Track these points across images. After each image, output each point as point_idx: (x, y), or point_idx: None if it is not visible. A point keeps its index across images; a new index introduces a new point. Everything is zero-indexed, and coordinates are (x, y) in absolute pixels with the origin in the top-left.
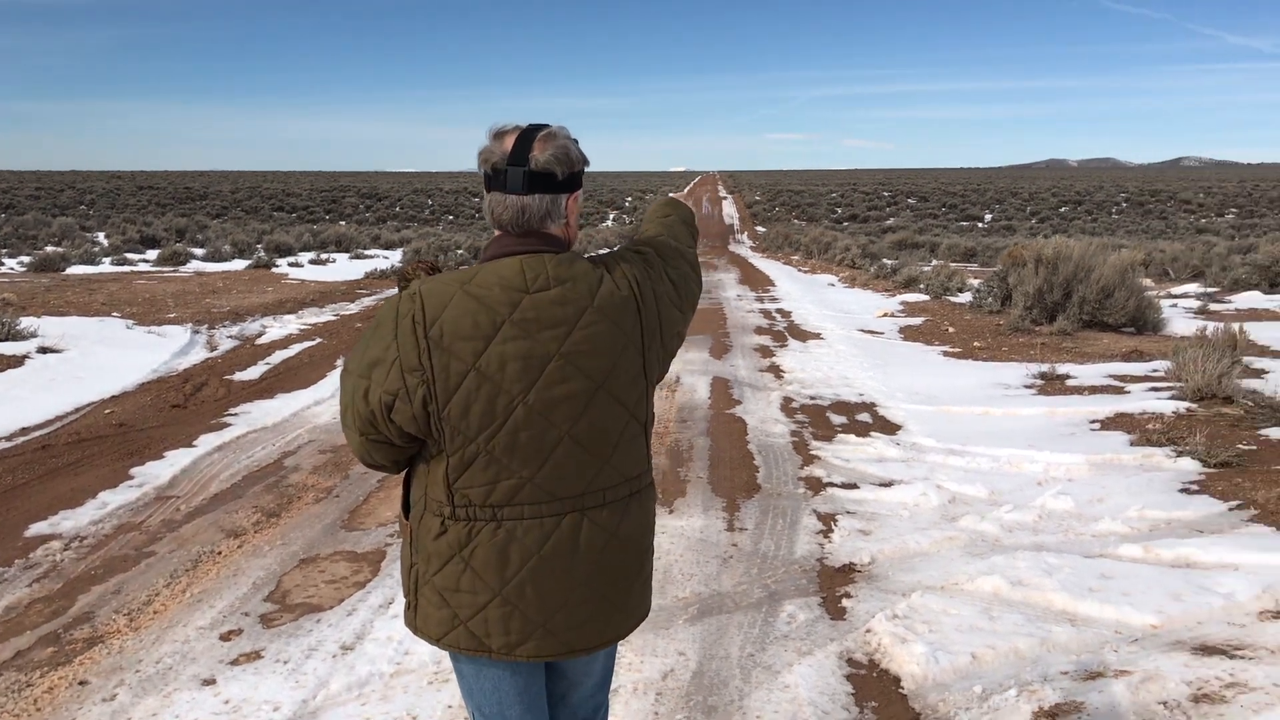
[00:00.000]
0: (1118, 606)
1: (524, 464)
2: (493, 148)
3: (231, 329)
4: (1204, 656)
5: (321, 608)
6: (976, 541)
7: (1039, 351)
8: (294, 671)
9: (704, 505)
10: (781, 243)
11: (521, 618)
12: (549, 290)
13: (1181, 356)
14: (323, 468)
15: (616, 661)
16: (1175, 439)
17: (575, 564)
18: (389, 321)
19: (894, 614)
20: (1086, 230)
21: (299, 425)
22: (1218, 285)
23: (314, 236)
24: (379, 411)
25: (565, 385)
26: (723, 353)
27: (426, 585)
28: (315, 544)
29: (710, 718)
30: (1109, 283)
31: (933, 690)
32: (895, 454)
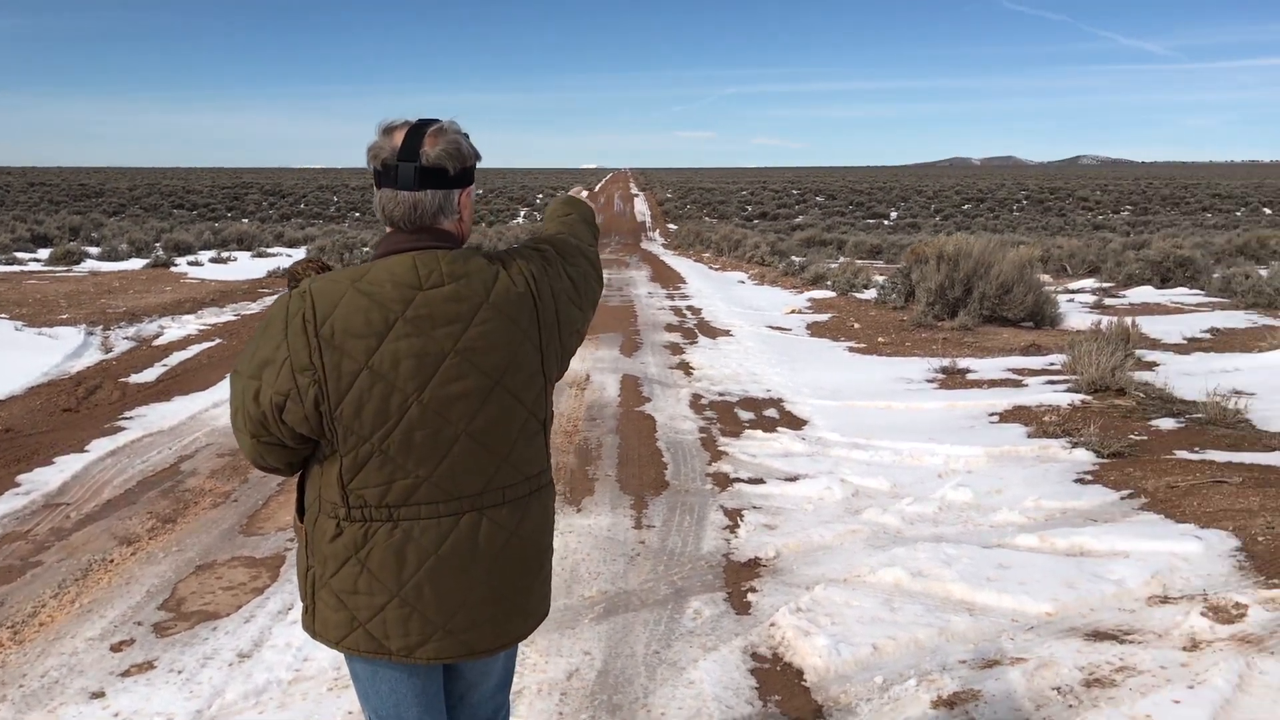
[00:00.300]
0: (1014, 595)
1: (420, 463)
2: (382, 143)
3: (128, 330)
4: (1096, 642)
5: (218, 615)
6: (879, 534)
7: (941, 346)
8: (188, 681)
9: (612, 503)
10: (693, 240)
11: (420, 619)
12: (443, 287)
13: (1077, 350)
14: (221, 471)
15: (520, 662)
16: (1070, 430)
17: (474, 564)
18: (279, 321)
19: (798, 607)
20: (988, 227)
21: (197, 428)
22: (1112, 280)
23: (215, 235)
24: (270, 413)
25: (461, 383)
26: (633, 350)
27: (324, 588)
28: (212, 550)
29: (615, 716)
30: (1008, 279)
31: (835, 682)
32: (801, 449)
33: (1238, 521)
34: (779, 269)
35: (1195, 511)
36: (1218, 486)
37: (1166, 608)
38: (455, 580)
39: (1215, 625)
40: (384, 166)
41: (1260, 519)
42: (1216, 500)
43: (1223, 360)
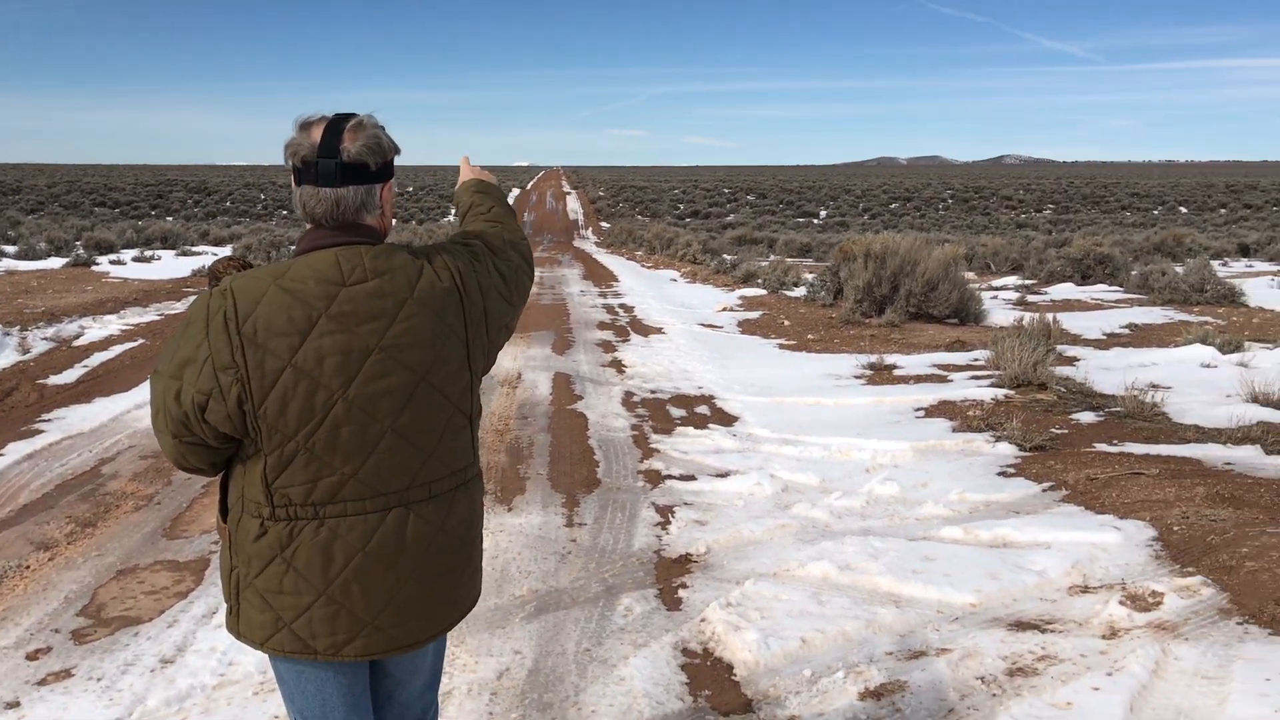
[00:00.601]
0: (939, 587)
1: (346, 460)
2: (300, 140)
3: (46, 330)
4: (1019, 632)
5: (140, 620)
6: (808, 528)
7: (869, 343)
8: (108, 689)
9: (543, 502)
10: (625, 238)
11: (348, 616)
12: (366, 283)
13: (1000, 346)
14: (144, 474)
15: (450, 663)
16: (994, 425)
17: (402, 559)
18: (199, 320)
19: (728, 602)
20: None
21: (119, 430)
22: (1035, 278)
23: (138, 233)
24: (192, 412)
25: (386, 379)
26: (565, 348)
27: (248, 589)
28: (134, 554)
29: (545, 715)
30: (934, 276)
31: (764, 676)
32: (732, 445)
33: (1154, 512)
34: (711, 267)
35: (1114, 503)
36: (1135, 478)
37: (1086, 597)
38: (383, 577)
39: (1133, 613)
40: (304, 163)
41: (1176, 509)
42: (1134, 491)
43: (1140, 355)
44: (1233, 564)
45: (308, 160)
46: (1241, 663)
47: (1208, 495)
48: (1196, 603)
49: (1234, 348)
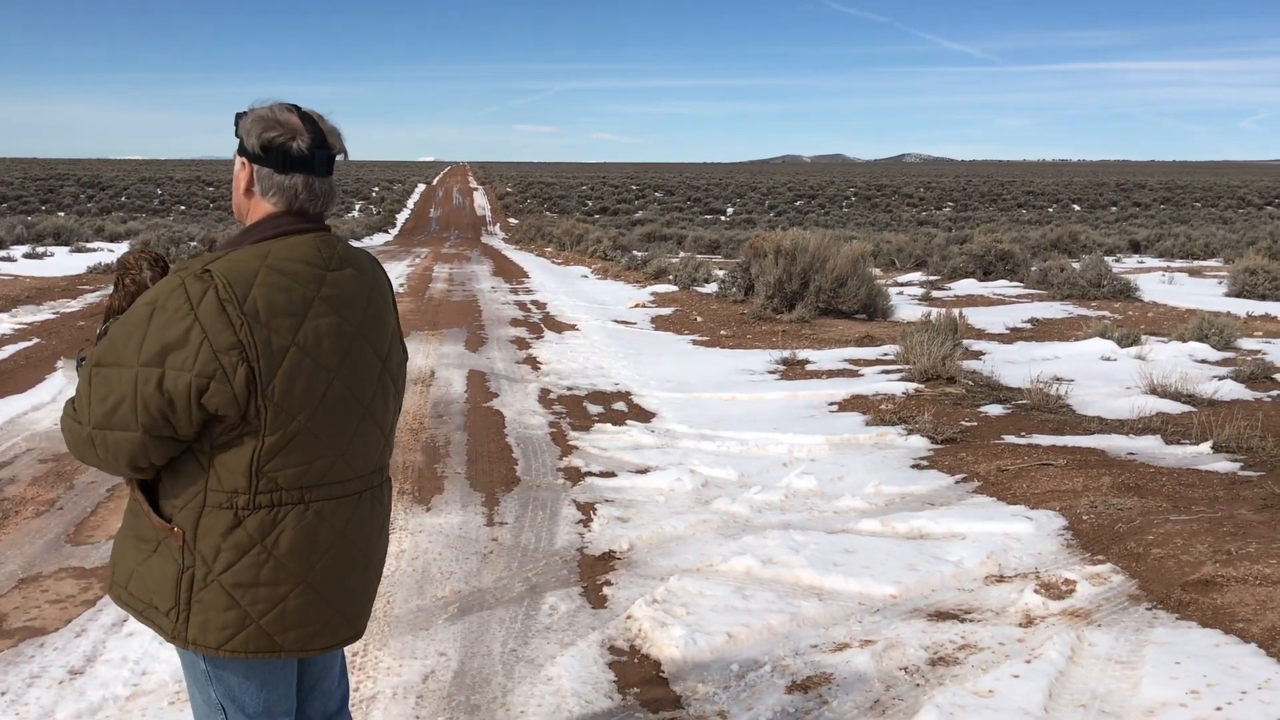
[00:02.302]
0: (860, 579)
1: (336, 441)
2: (291, 126)
3: None
4: (939, 622)
5: (45, 630)
6: (729, 523)
7: (780, 338)
8: (13, 703)
9: (462, 501)
10: (534, 235)
11: (321, 604)
12: (344, 270)
13: (909, 341)
14: (44, 478)
15: (374, 666)
16: (906, 418)
17: (366, 543)
18: (176, 304)
19: (653, 599)
20: (820, 223)
21: (15, 433)
22: (938, 274)
23: (28, 229)
24: (183, 398)
25: (364, 364)
26: (478, 345)
27: (208, 588)
28: (36, 561)
29: (473, 717)
30: (843, 272)
31: (692, 672)
32: (650, 441)
33: (1064, 502)
34: (621, 264)
35: (1025, 493)
36: (1044, 469)
37: (1002, 586)
38: (354, 563)
39: (1048, 601)
40: (307, 152)
41: (1084, 499)
42: (1044, 482)
43: (1043, 349)
44: (1140, 551)
45: (309, 150)
46: (1152, 647)
47: (1114, 485)
48: (1107, 589)
49: (1131, 341)
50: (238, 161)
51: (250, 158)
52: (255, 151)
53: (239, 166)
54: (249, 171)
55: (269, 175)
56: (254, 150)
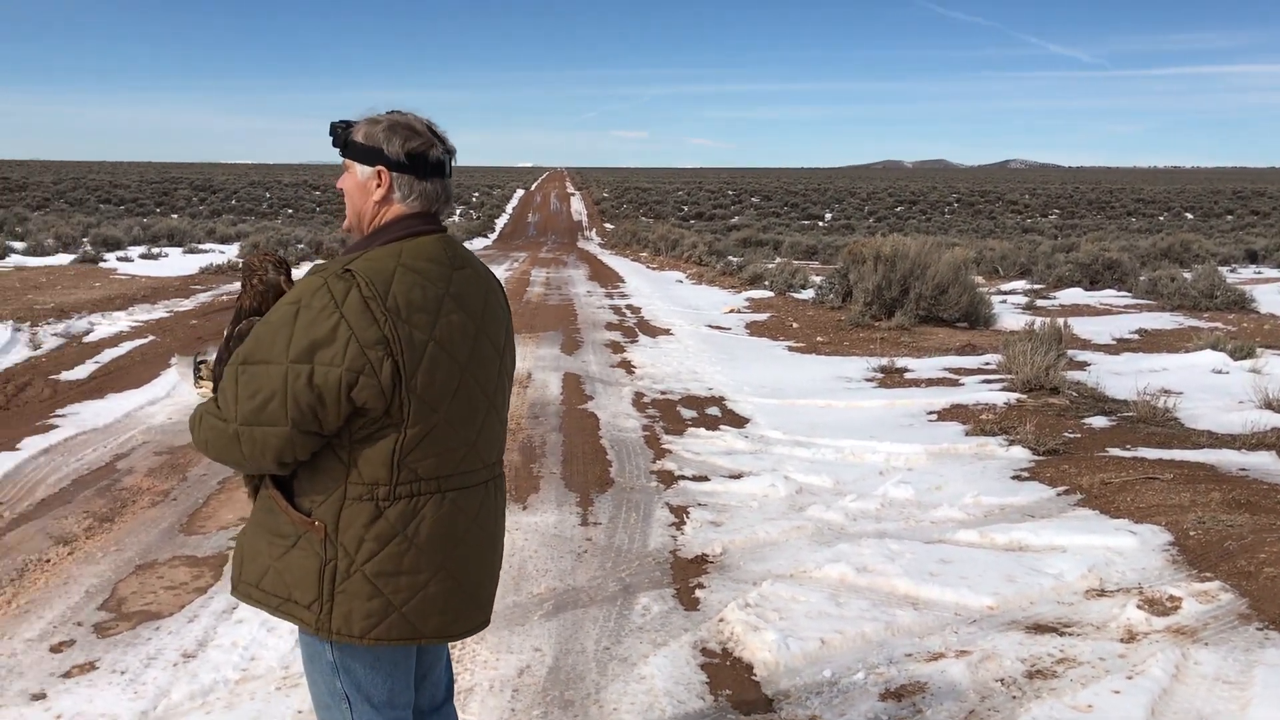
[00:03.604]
0: (956, 590)
1: (467, 432)
2: (427, 135)
3: (57, 326)
4: (1037, 635)
5: (161, 615)
6: (823, 530)
7: (878, 346)
8: (132, 682)
9: (558, 500)
10: (629, 239)
11: (460, 592)
12: (464, 269)
13: (1012, 350)
14: (159, 470)
15: (471, 659)
16: (1007, 429)
17: (494, 531)
18: (322, 304)
19: (746, 603)
20: (921, 229)
21: (132, 426)
22: (1043, 282)
23: (144, 230)
24: (333, 393)
25: (487, 359)
26: (574, 349)
27: (352, 578)
28: (152, 549)
29: (567, 712)
30: (944, 279)
31: (784, 676)
32: (744, 446)
33: (1170, 517)
34: (717, 268)
35: (1129, 507)
36: (1150, 483)
37: (1104, 601)
38: (485, 549)
39: (1151, 617)
40: (441, 159)
41: (1191, 514)
42: (1149, 496)
43: (1151, 360)
44: (1251, 570)
45: (444, 155)
46: (1263, 668)
47: (1224, 500)
48: (1215, 608)
49: (1246, 354)
50: (364, 169)
51: (392, 165)
52: (399, 160)
53: (368, 174)
54: (388, 180)
55: (410, 182)
56: (397, 159)
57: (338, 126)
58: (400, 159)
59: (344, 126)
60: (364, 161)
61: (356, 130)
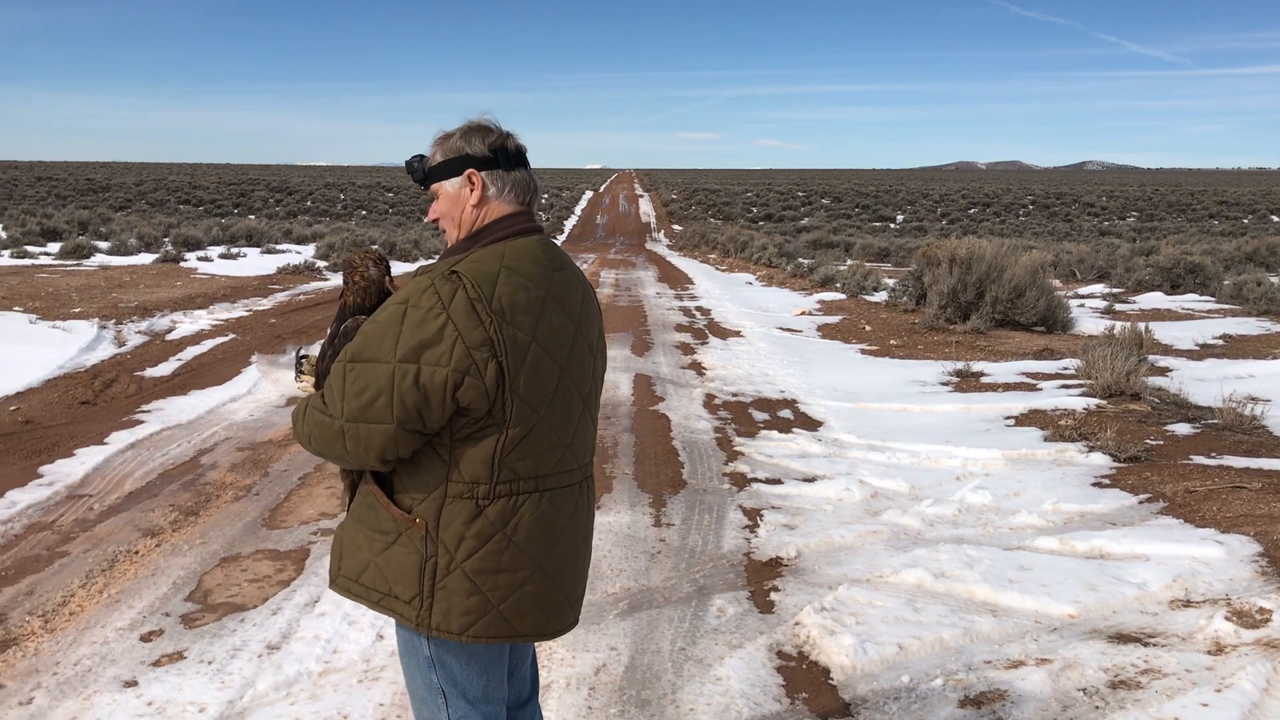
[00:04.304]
0: (1037, 597)
1: (564, 432)
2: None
3: (140, 324)
4: (1120, 644)
5: (245, 607)
6: (899, 535)
7: (953, 349)
8: (219, 672)
9: (630, 501)
10: (698, 241)
11: (557, 590)
12: (563, 271)
13: (1091, 355)
14: (241, 465)
15: (548, 656)
16: (1087, 435)
17: (588, 531)
18: (429, 304)
19: (822, 606)
20: (995, 231)
21: (215, 422)
22: (1122, 286)
23: (223, 230)
24: (439, 393)
25: (583, 360)
26: (644, 350)
27: (452, 575)
28: (236, 543)
29: (644, 711)
30: (1021, 283)
31: (862, 681)
32: (818, 450)
33: (1259, 527)
34: (787, 270)
35: (1215, 516)
36: (1236, 492)
37: (1189, 611)
38: (577, 548)
39: (1239, 629)
40: (521, 149)
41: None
42: (1236, 505)
43: (1236, 366)
44: None
45: (523, 149)
46: None
47: None
48: None
49: None
50: (454, 181)
51: (481, 163)
52: (486, 156)
53: (459, 183)
54: (479, 179)
55: (501, 175)
56: (483, 155)
57: (414, 161)
58: (485, 154)
59: (419, 159)
60: (452, 174)
61: (432, 155)
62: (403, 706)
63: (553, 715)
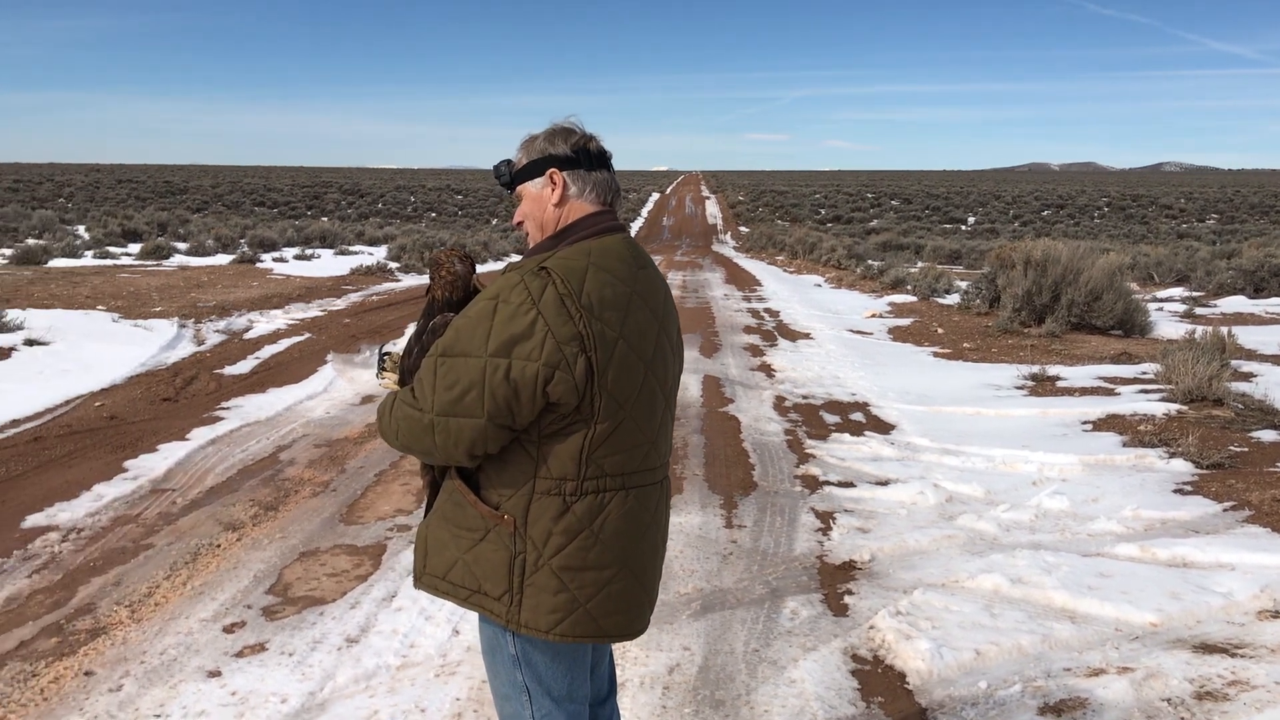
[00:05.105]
0: (1117, 605)
1: (648, 429)
2: (581, 130)
3: (218, 323)
4: (1205, 655)
5: (324, 601)
6: (975, 540)
7: (1028, 353)
8: (300, 664)
9: (701, 502)
10: (765, 243)
11: (640, 588)
12: (646, 269)
13: (1171, 359)
14: (318, 462)
15: (621, 655)
16: (1167, 440)
17: (666, 529)
18: (520, 299)
19: (897, 610)
20: (1069, 234)
21: (292, 419)
22: (1202, 289)
23: (298, 232)
24: (529, 388)
25: (665, 357)
26: (713, 351)
27: (540, 572)
28: (314, 537)
29: (718, 712)
30: (1098, 285)
31: (938, 686)
32: (890, 453)
33: None
34: (856, 272)
35: None
36: None
37: (1278, 623)
38: (658, 546)
39: None
40: (603, 149)
41: None
42: None
43: None
44: None
45: (606, 151)
46: None
47: None
48: None
49: None
50: (537, 182)
51: (563, 163)
52: (569, 155)
53: (541, 183)
54: (561, 179)
55: (583, 175)
56: (565, 155)
57: (501, 166)
58: (568, 154)
59: (506, 164)
60: (535, 175)
61: (518, 159)
62: (479, 701)
63: (628, 714)
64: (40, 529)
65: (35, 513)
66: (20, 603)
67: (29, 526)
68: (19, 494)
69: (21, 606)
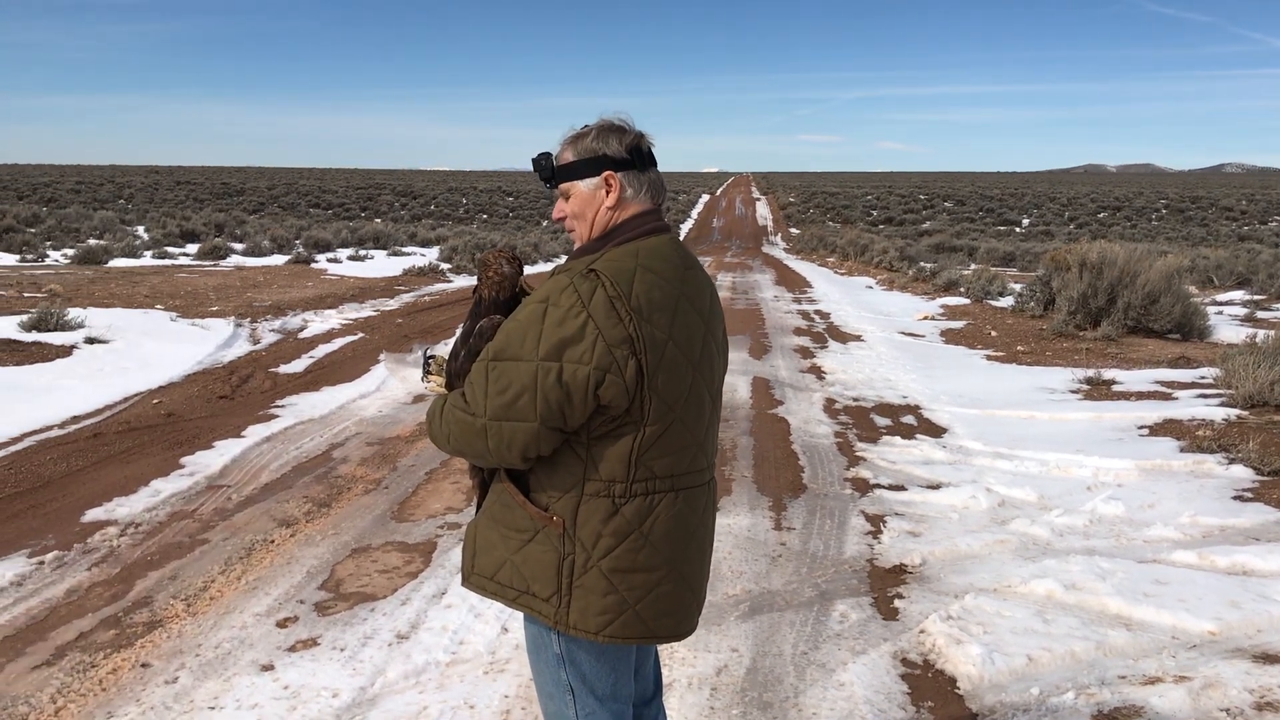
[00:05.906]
0: (1174, 612)
1: (696, 431)
2: (631, 127)
3: (273, 323)
4: (1266, 665)
5: (375, 597)
6: (1027, 545)
7: (1083, 356)
8: (351, 659)
9: (750, 504)
10: (816, 244)
11: (686, 589)
12: (693, 269)
13: (1231, 363)
14: (371, 460)
15: (669, 656)
16: (1226, 446)
17: (713, 531)
18: (570, 302)
19: (948, 615)
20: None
21: (346, 418)
22: (1264, 293)
23: (351, 233)
24: (580, 391)
25: (712, 359)
26: (762, 353)
27: (589, 573)
28: (366, 534)
29: (766, 714)
30: (1155, 288)
31: (989, 691)
32: (942, 456)
33: None
34: (908, 274)
35: None
36: None
37: None
38: (705, 548)
39: None
40: (652, 149)
41: None
42: None
43: None
44: None
45: (653, 149)
46: None
47: None
48: None
49: None
50: (589, 181)
51: (618, 164)
52: (623, 157)
53: (595, 184)
54: (618, 181)
55: (637, 176)
56: (620, 156)
57: (541, 159)
58: (622, 155)
59: (546, 157)
60: (587, 174)
61: (563, 153)
62: (527, 699)
63: (675, 714)
64: (99, 523)
65: (95, 507)
66: (80, 595)
67: (89, 520)
68: (79, 489)
69: (81, 599)
